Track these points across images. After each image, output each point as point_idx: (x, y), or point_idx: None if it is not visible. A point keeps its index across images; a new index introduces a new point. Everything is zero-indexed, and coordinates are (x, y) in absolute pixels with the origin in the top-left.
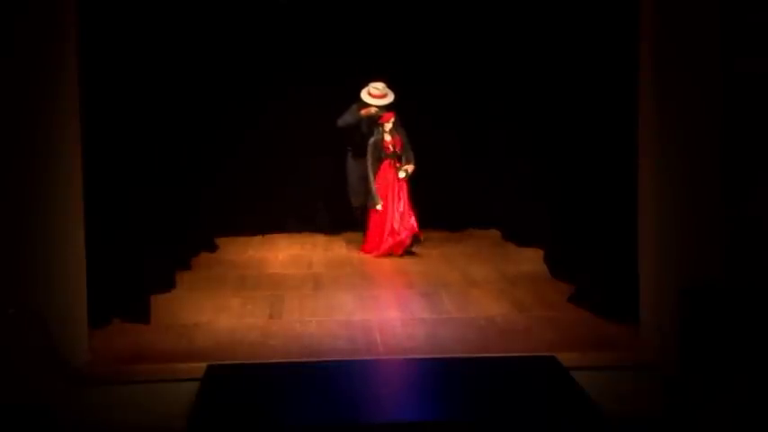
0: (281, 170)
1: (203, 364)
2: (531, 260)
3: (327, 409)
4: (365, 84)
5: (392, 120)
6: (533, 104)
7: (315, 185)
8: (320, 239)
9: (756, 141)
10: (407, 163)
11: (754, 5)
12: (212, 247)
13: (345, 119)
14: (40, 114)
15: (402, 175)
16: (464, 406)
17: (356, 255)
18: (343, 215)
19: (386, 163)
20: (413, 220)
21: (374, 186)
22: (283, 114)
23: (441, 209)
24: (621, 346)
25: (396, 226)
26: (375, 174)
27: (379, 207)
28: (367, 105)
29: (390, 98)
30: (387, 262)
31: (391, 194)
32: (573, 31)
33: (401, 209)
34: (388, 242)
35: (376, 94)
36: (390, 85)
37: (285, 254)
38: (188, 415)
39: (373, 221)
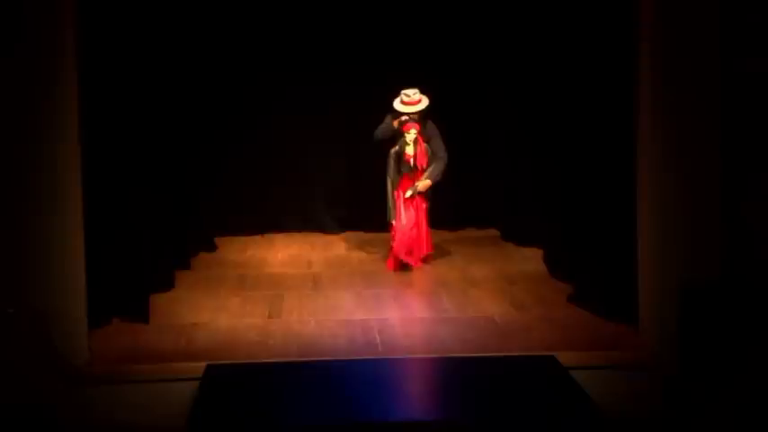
0: (280, 170)
1: (202, 364)
2: (530, 260)
3: (326, 409)
4: (398, 90)
5: (413, 130)
6: (533, 104)
7: (314, 185)
8: (319, 239)
9: (756, 142)
10: (426, 178)
11: (754, 5)
12: (212, 247)
13: (380, 131)
14: (40, 114)
15: (408, 194)
16: (463, 406)
17: (355, 254)
18: (343, 215)
19: (406, 176)
20: (424, 252)
21: (392, 199)
22: (283, 114)
23: (440, 208)
24: (621, 346)
25: (399, 242)
26: (396, 186)
27: (393, 221)
28: (400, 114)
29: (423, 104)
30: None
31: (405, 211)
32: (573, 31)
33: (408, 227)
34: (395, 257)
35: (407, 101)
36: (424, 90)
37: (284, 253)
38: (187, 415)
39: (392, 236)
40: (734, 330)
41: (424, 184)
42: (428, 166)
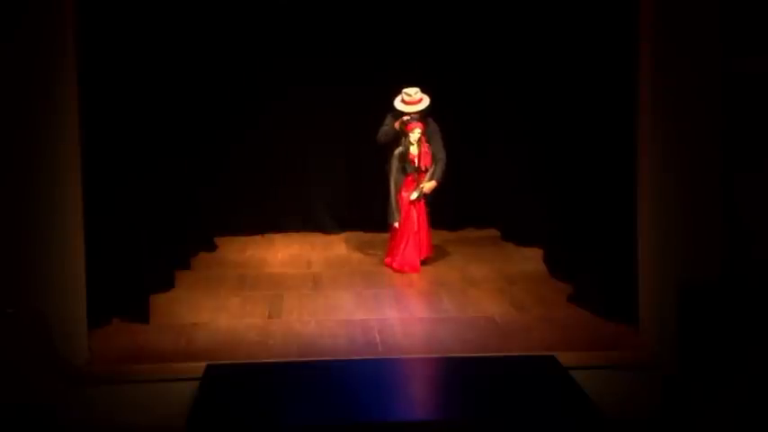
0: (280, 169)
1: (202, 364)
2: (530, 259)
3: (326, 409)
4: (398, 90)
5: (417, 130)
6: (533, 104)
7: (314, 185)
8: (319, 239)
9: (756, 142)
10: (430, 179)
11: (754, 5)
12: (212, 247)
13: (383, 135)
14: (40, 114)
15: (414, 196)
16: (463, 405)
17: (355, 254)
18: (343, 215)
19: (410, 177)
20: (423, 255)
21: (395, 201)
22: (283, 114)
23: (439, 208)
24: (621, 346)
25: (404, 245)
26: (399, 187)
27: (396, 224)
28: (400, 114)
29: (425, 103)
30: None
31: (409, 212)
32: (573, 31)
33: (416, 229)
34: (403, 258)
35: (408, 101)
36: (424, 89)
37: (284, 253)
38: (187, 415)
39: (393, 235)
40: (733, 330)
41: (429, 185)
42: (429, 165)
